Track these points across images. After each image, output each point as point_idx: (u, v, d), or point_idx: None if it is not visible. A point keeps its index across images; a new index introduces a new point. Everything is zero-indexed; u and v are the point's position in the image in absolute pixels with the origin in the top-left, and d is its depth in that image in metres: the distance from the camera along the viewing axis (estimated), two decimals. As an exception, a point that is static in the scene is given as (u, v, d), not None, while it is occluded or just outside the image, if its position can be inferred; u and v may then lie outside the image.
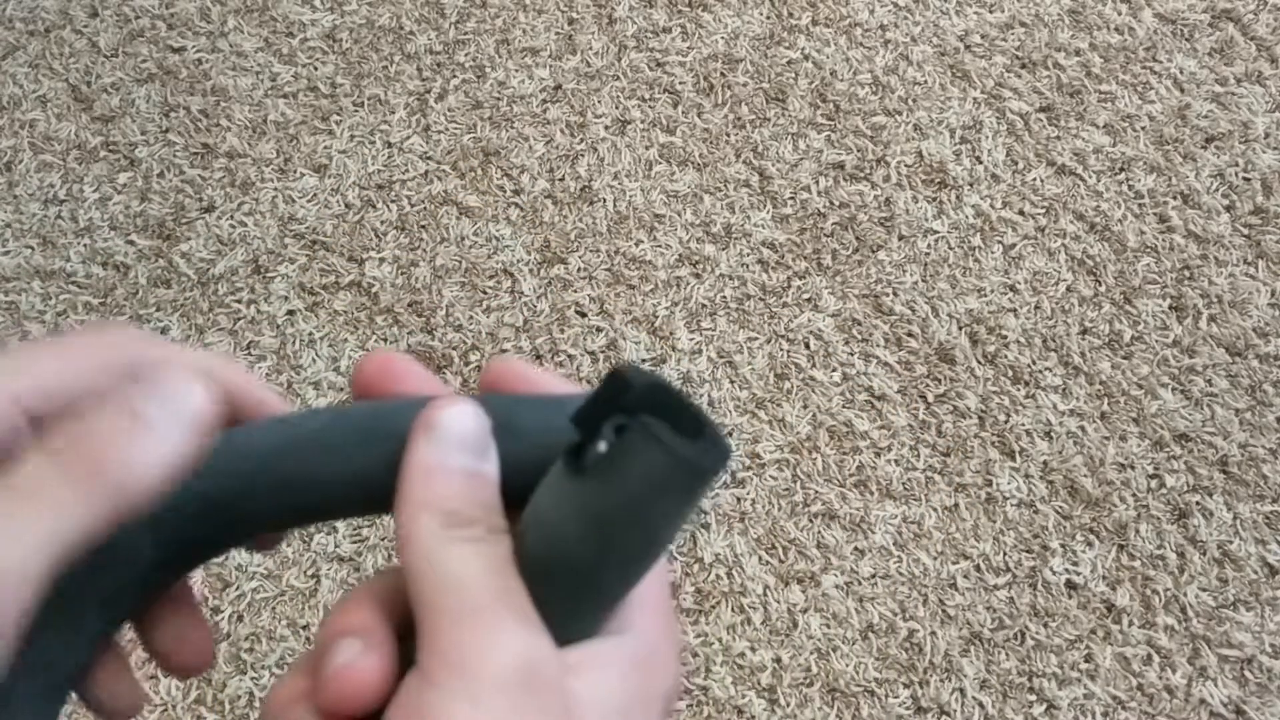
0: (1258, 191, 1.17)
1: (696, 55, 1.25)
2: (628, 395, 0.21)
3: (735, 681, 0.94)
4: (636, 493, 0.21)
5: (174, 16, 1.29)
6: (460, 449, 0.24)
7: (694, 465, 0.21)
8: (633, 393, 0.21)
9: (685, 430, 0.21)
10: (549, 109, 1.22)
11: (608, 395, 0.22)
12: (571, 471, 0.22)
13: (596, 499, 0.22)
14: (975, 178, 1.17)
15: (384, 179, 1.18)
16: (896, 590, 0.97)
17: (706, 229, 1.14)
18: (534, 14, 1.28)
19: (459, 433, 0.24)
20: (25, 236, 1.15)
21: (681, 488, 0.22)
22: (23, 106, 1.23)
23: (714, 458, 0.21)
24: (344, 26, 1.27)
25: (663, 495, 0.21)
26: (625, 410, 0.21)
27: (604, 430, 0.21)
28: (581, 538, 0.22)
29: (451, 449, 0.24)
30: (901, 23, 1.27)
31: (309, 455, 0.25)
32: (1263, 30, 1.27)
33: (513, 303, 1.11)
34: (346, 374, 1.07)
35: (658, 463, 0.21)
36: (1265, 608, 0.97)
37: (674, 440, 0.21)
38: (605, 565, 0.23)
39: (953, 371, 1.07)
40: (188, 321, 1.10)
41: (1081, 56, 1.25)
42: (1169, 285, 1.12)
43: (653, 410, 0.21)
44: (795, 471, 1.02)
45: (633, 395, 0.21)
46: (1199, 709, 0.93)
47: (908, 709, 0.93)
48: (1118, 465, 1.03)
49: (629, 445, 0.21)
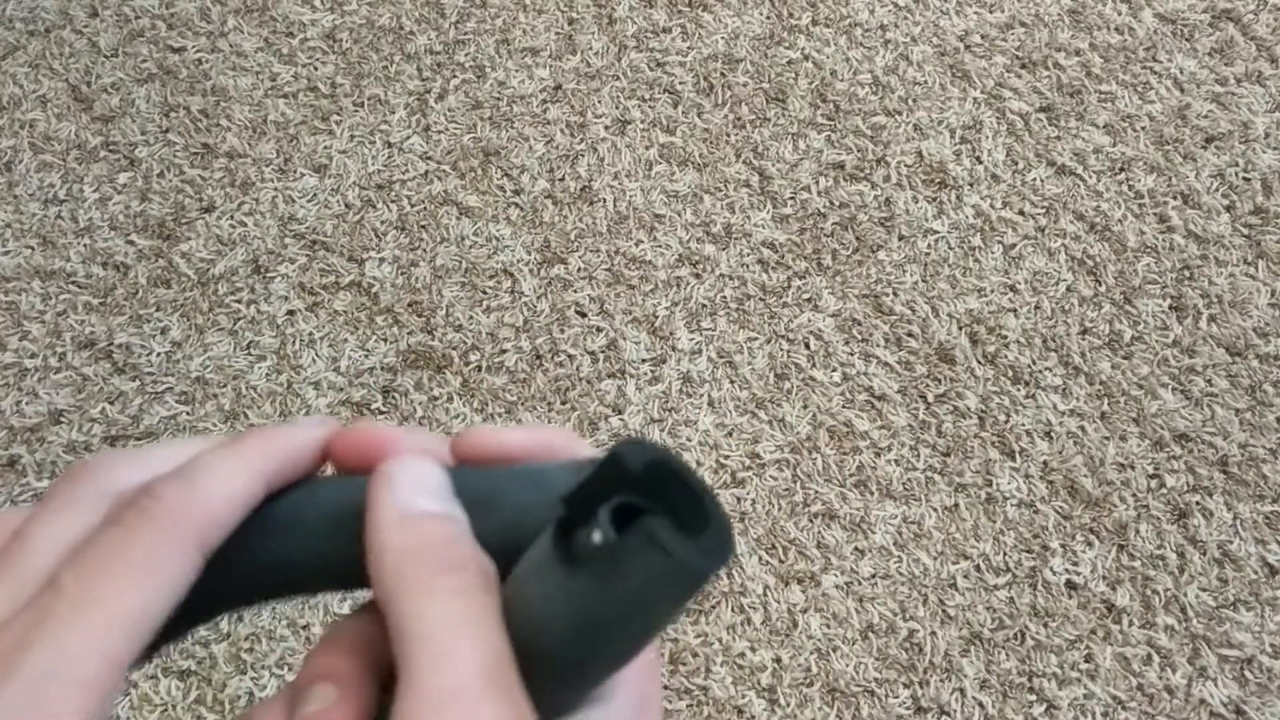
0: (1258, 191, 1.17)
1: (696, 55, 1.25)
2: (626, 478, 0.20)
3: (735, 681, 0.93)
4: (634, 597, 0.20)
5: (174, 16, 1.29)
6: (424, 494, 0.22)
7: (697, 571, 0.20)
8: (632, 476, 0.20)
9: (687, 517, 0.20)
10: (549, 109, 1.22)
11: (604, 477, 0.20)
12: (561, 558, 0.21)
13: (590, 597, 0.20)
14: (975, 178, 1.17)
15: (384, 179, 1.18)
16: (896, 590, 0.97)
17: (706, 229, 1.14)
18: (534, 14, 1.28)
19: (418, 479, 0.23)
20: (25, 236, 1.15)
21: (682, 591, 0.20)
22: (23, 106, 1.23)
23: (717, 555, 0.20)
24: (344, 26, 1.27)
25: (662, 600, 0.20)
26: (625, 489, 0.20)
27: (600, 517, 0.20)
28: (571, 633, 0.21)
29: (416, 494, 0.22)
30: (901, 23, 1.27)
31: (279, 534, 0.24)
32: (1263, 30, 1.27)
33: (513, 303, 1.11)
34: (346, 374, 1.07)
35: (659, 567, 0.20)
36: (1265, 608, 0.97)
37: (679, 545, 0.19)
38: (594, 660, 0.22)
39: (953, 371, 1.07)
40: (188, 321, 1.10)
41: (1081, 56, 1.25)
42: (1169, 285, 1.12)
43: (653, 494, 0.20)
44: (795, 471, 1.02)
45: (632, 479, 0.20)
46: (1199, 709, 0.93)
47: (908, 709, 0.93)
48: (1118, 465, 1.03)
49: (629, 546, 0.20)
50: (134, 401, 1.06)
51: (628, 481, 0.20)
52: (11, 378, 1.07)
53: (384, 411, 1.05)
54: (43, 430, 1.05)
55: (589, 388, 1.06)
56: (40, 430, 1.05)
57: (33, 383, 1.07)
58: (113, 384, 1.07)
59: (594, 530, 0.20)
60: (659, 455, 0.20)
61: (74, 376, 1.07)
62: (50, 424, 1.05)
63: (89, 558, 0.21)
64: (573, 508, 0.20)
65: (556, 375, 1.07)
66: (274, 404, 1.06)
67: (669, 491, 0.20)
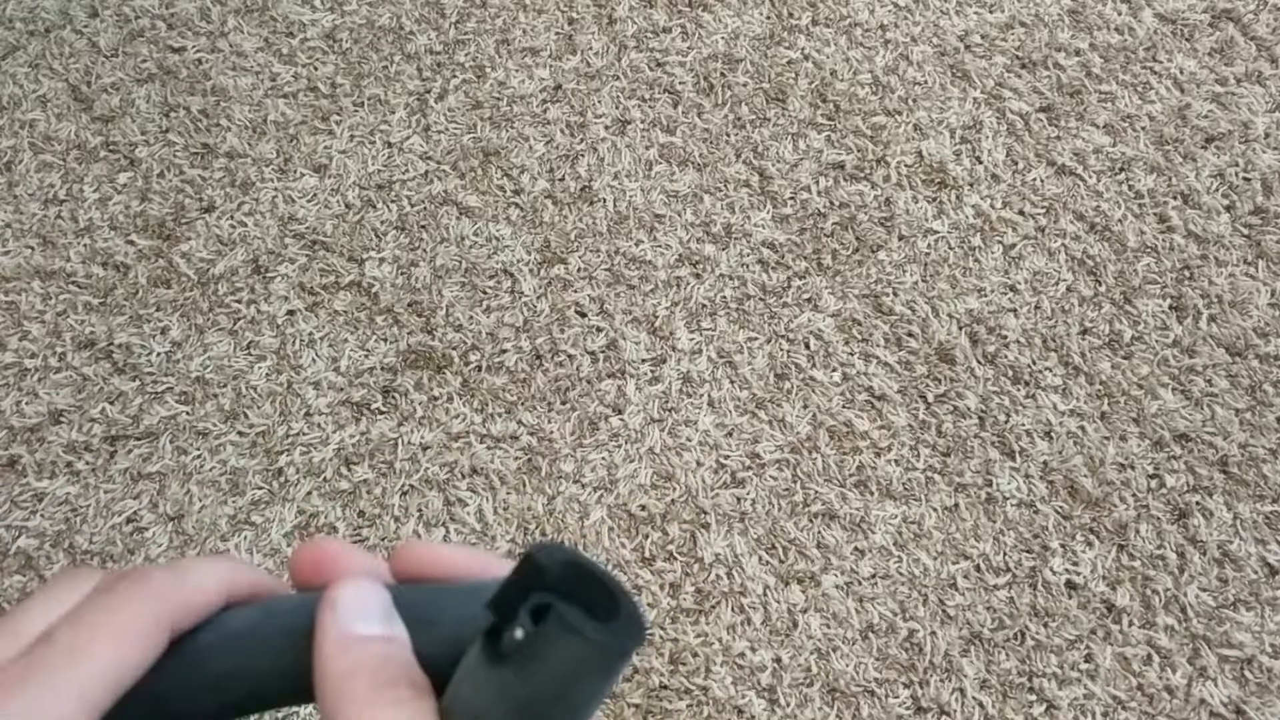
0: (1258, 191, 1.17)
1: (696, 55, 1.25)
2: (542, 577, 0.22)
3: (735, 681, 0.94)
4: (557, 680, 0.22)
5: (174, 16, 1.29)
6: (366, 618, 0.24)
7: (611, 649, 0.22)
8: (546, 575, 0.22)
9: (600, 608, 0.22)
10: (549, 109, 1.22)
11: (522, 578, 0.22)
12: (490, 657, 0.22)
13: (517, 687, 0.22)
14: (975, 178, 1.17)
15: (384, 179, 1.18)
16: (896, 590, 0.97)
17: (706, 229, 1.14)
18: (534, 14, 1.28)
19: (362, 604, 0.25)
20: (25, 236, 1.15)
21: (601, 670, 0.22)
22: (23, 106, 1.23)
23: (630, 637, 0.22)
24: (344, 26, 1.27)
25: (583, 679, 0.22)
26: (542, 589, 0.22)
27: (520, 615, 0.22)
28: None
29: (357, 619, 0.24)
30: (901, 23, 1.27)
31: (239, 652, 0.26)
32: (1263, 30, 1.27)
33: (513, 303, 1.11)
34: (346, 374, 1.07)
35: (576, 650, 0.21)
36: (1265, 608, 0.97)
37: (590, 627, 0.21)
38: None
39: (953, 371, 1.07)
40: (188, 321, 1.10)
41: (1081, 56, 1.25)
42: (1169, 285, 1.12)
43: (568, 589, 0.22)
44: (795, 471, 1.02)
45: (547, 577, 0.22)
46: (1199, 709, 0.93)
47: (908, 709, 0.93)
48: (1118, 465, 1.03)
49: (546, 634, 0.21)
50: (134, 401, 1.06)
51: (544, 581, 0.22)
52: (11, 378, 1.07)
53: (384, 411, 1.05)
54: (43, 430, 1.05)
55: (589, 388, 1.06)
56: (40, 430, 1.05)
57: (33, 383, 1.07)
58: (113, 384, 1.07)
59: (516, 628, 0.22)
60: (570, 556, 0.22)
61: (74, 376, 1.07)
62: (50, 424, 1.05)
63: (83, 617, 0.24)
64: (496, 610, 0.22)
65: (556, 375, 1.07)
66: (274, 404, 1.06)
67: (582, 586, 0.22)
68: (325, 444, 1.04)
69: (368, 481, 1.02)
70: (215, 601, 0.26)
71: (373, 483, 1.02)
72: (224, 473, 1.03)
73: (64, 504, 1.02)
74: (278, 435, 1.04)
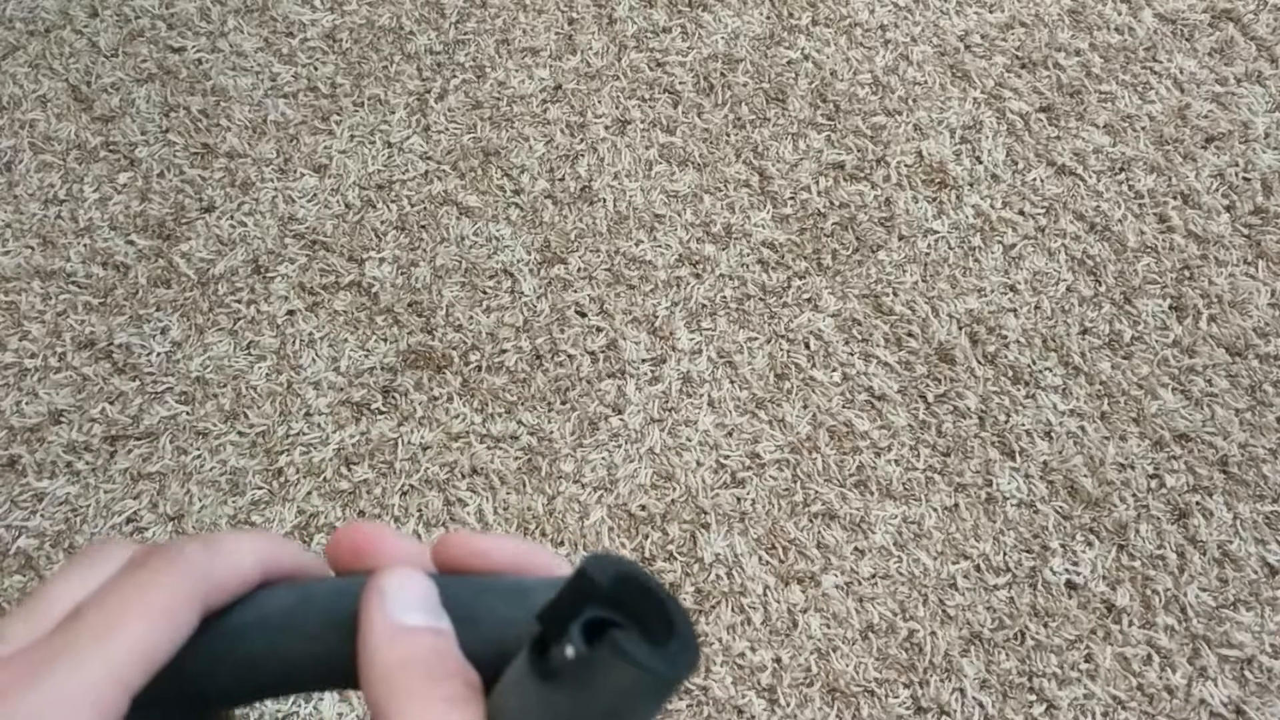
0: (1258, 191, 1.17)
1: (696, 55, 1.25)
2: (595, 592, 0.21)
3: (735, 681, 0.94)
4: (608, 706, 0.21)
5: (174, 16, 1.29)
6: (415, 609, 0.24)
7: (665, 678, 0.21)
8: (599, 590, 0.21)
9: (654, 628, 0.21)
10: (549, 109, 1.22)
11: (574, 593, 0.21)
12: (539, 672, 0.22)
13: (566, 710, 0.21)
14: (975, 178, 1.17)
15: (384, 179, 1.18)
16: (896, 590, 0.97)
17: (706, 229, 1.14)
18: (534, 14, 1.28)
19: (411, 594, 0.24)
20: (25, 236, 1.15)
21: (653, 698, 0.22)
22: (23, 106, 1.23)
23: (684, 663, 0.21)
24: (344, 26, 1.27)
25: (634, 707, 0.21)
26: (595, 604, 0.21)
27: (571, 632, 0.21)
28: None
29: (408, 609, 0.24)
30: (901, 23, 1.27)
31: (275, 636, 0.25)
32: (1263, 30, 1.27)
33: (513, 303, 1.11)
34: (346, 374, 1.07)
35: (629, 677, 0.21)
36: (1265, 608, 0.97)
37: (644, 653, 0.21)
38: None
39: (953, 371, 1.07)
40: (188, 321, 1.10)
41: (1081, 56, 1.25)
42: (1169, 285, 1.12)
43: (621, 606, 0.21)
44: (795, 471, 1.02)
45: (600, 592, 0.21)
46: (1199, 709, 0.93)
47: (908, 709, 0.93)
48: (1118, 465, 1.03)
49: (599, 659, 0.21)
50: (134, 401, 1.06)
51: (597, 596, 0.21)
52: (11, 378, 1.07)
53: (384, 411, 1.05)
54: (43, 430, 1.05)
55: (589, 388, 1.06)
56: (40, 430, 1.05)
57: (33, 383, 1.07)
58: (113, 384, 1.07)
59: (567, 645, 0.21)
60: (625, 569, 0.21)
61: (74, 376, 1.07)
62: (50, 424, 1.05)
63: (114, 593, 0.23)
64: (546, 624, 0.22)
65: (556, 375, 1.07)
66: (274, 404, 1.06)
67: (636, 603, 0.21)
68: (325, 444, 1.04)
69: (368, 481, 1.02)
70: (252, 579, 0.25)
71: (373, 483, 1.02)
72: (224, 473, 1.03)
73: (64, 504, 1.02)
74: (278, 435, 1.04)
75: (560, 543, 0.99)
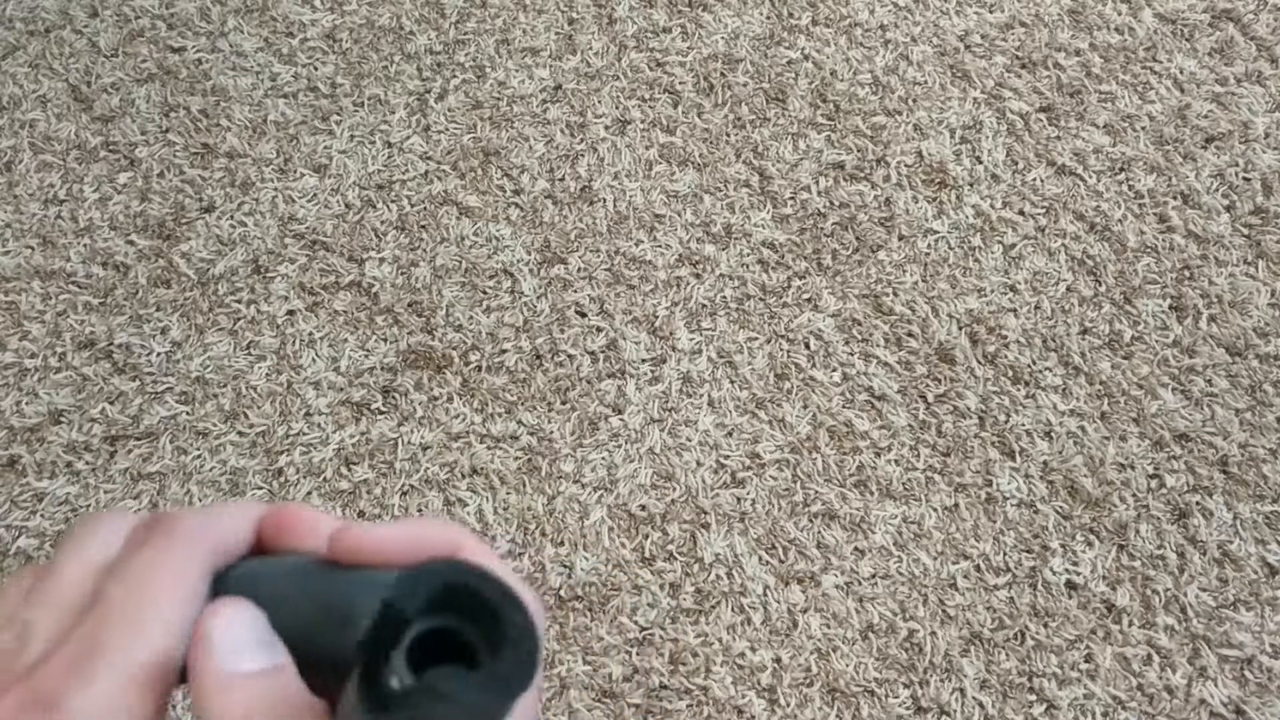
0: (1258, 191, 1.17)
1: (696, 55, 1.25)
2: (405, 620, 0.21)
3: (735, 681, 0.93)
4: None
5: (174, 16, 1.29)
6: (245, 650, 0.23)
7: (488, 707, 0.20)
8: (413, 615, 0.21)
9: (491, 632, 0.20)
10: (549, 109, 1.22)
11: (385, 624, 0.21)
12: (369, 704, 0.21)
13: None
14: (975, 178, 1.17)
15: (384, 179, 1.18)
16: (896, 590, 0.97)
17: (706, 229, 1.14)
18: (534, 14, 1.28)
19: (239, 633, 0.23)
20: (25, 236, 1.15)
21: (489, 716, 0.21)
22: (23, 106, 1.23)
23: (513, 678, 0.20)
24: (344, 26, 1.27)
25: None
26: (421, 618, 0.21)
27: (394, 662, 0.21)
28: None
29: (239, 652, 0.23)
30: (901, 23, 1.27)
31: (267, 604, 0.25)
32: (1263, 30, 1.27)
33: (513, 303, 1.10)
34: (346, 374, 1.07)
35: (453, 713, 0.20)
36: (1265, 608, 0.97)
37: (463, 687, 0.20)
38: None
39: (953, 371, 1.07)
40: (188, 321, 1.10)
41: (1081, 56, 1.25)
42: (1169, 285, 1.12)
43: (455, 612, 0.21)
44: (795, 471, 1.02)
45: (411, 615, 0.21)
46: (1199, 709, 0.93)
47: (908, 709, 0.93)
48: (1118, 465, 1.03)
49: (422, 694, 0.20)
50: (134, 401, 1.06)
51: (411, 619, 0.21)
52: (11, 378, 1.07)
53: (384, 411, 1.05)
54: (43, 430, 1.05)
55: (589, 388, 1.06)
56: (40, 430, 1.05)
57: (33, 383, 1.07)
58: (113, 384, 1.07)
59: (391, 677, 0.20)
60: (453, 577, 0.21)
61: (74, 376, 1.07)
62: (50, 424, 1.05)
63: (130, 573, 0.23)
64: (369, 655, 0.21)
65: (556, 375, 1.07)
66: (274, 404, 1.06)
67: (469, 609, 0.21)
68: (325, 444, 1.04)
69: (368, 481, 1.02)
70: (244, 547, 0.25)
71: (373, 483, 1.02)
72: (224, 473, 1.03)
73: (64, 504, 1.02)
74: (278, 435, 1.04)
75: (560, 543, 0.99)
